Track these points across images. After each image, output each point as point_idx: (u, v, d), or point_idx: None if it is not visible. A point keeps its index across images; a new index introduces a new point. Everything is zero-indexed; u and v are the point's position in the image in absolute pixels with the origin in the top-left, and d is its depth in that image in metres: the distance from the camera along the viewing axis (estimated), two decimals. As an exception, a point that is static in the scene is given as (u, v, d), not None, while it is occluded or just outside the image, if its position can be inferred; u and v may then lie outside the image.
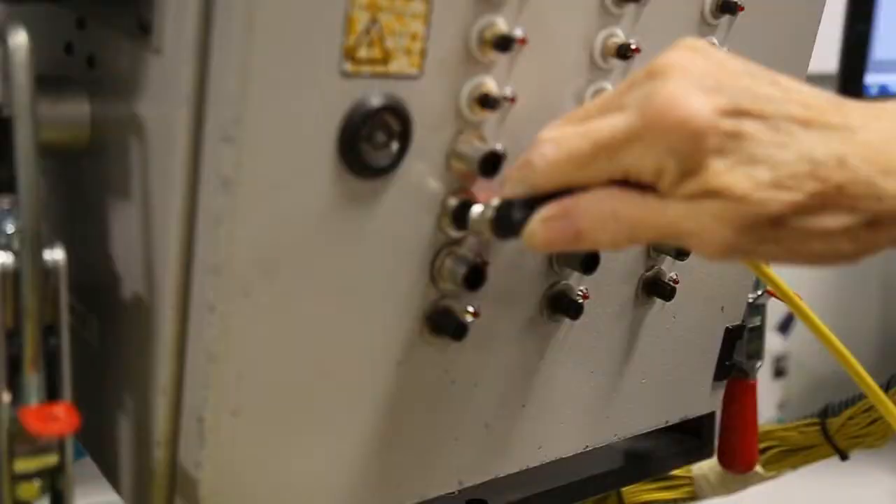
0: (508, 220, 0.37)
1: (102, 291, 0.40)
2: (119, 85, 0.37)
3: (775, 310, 0.78)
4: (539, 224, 0.36)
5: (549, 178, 0.36)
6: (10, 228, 0.35)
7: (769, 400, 1.04)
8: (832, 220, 0.33)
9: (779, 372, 1.08)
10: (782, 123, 0.33)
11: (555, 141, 0.35)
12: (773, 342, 1.04)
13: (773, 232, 0.33)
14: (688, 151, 0.33)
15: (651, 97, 0.33)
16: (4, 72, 0.34)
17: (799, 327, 1.05)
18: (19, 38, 0.33)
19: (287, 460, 0.38)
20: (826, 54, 0.70)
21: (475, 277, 0.39)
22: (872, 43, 0.88)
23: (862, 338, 1.25)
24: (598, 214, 0.35)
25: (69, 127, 0.39)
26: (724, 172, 0.32)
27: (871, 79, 0.89)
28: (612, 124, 0.34)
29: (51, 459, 0.36)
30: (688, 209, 0.33)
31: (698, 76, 0.33)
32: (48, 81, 0.39)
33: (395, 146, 0.36)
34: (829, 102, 0.34)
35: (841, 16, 0.88)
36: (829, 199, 0.33)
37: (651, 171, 0.34)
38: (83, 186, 0.41)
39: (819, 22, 0.50)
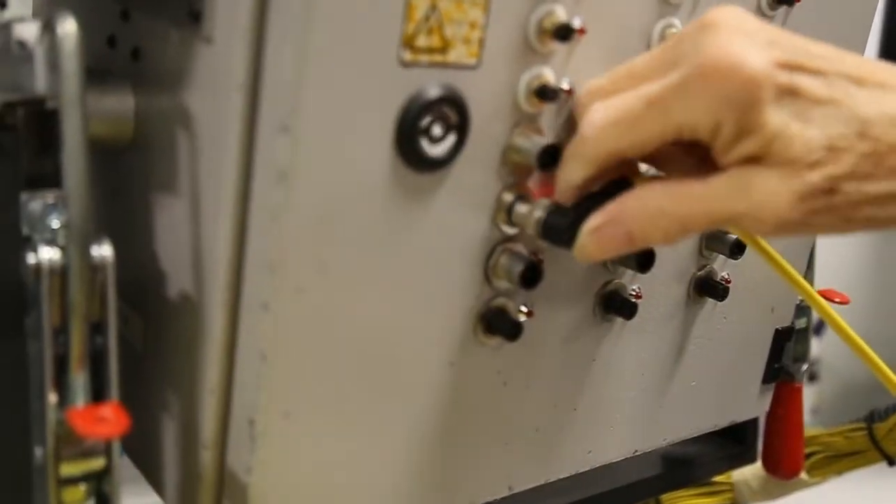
0: (556, 229, 0.36)
1: (147, 290, 0.39)
2: (166, 77, 0.36)
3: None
4: (588, 236, 0.35)
5: (601, 145, 0.34)
6: (55, 224, 0.34)
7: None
8: (886, 184, 0.32)
9: (811, 376, 1.06)
10: (836, 80, 0.32)
11: (603, 106, 0.34)
12: (805, 346, 1.02)
13: (826, 199, 0.32)
14: (745, 102, 0.31)
15: (705, 46, 0.32)
16: (51, 62, 0.33)
17: (831, 331, 1.04)
18: (68, 26, 0.32)
19: (338, 464, 0.37)
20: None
21: (532, 275, 0.37)
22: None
23: (892, 347, 1.23)
24: (646, 213, 0.34)
25: (113, 121, 0.38)
26: (780, 130, 0.31)
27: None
28: (664, 78, 0.33)
29: (97, 463, 0.35)
30: (739, 184, 0.32)
31: (752, 31, 0.32)
32: (91, 75, 0.38)
33: (451, 139, 0.34)
34: (879, 65, 0.34)
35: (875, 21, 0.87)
36: (881, 160, 0.32)
37: (707, 125, 0.32)
38: (125, 183, 0.40)
39: (874, 16, 0.49)
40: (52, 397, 0.33)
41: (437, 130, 0.34)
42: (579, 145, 0.35)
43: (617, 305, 0.43)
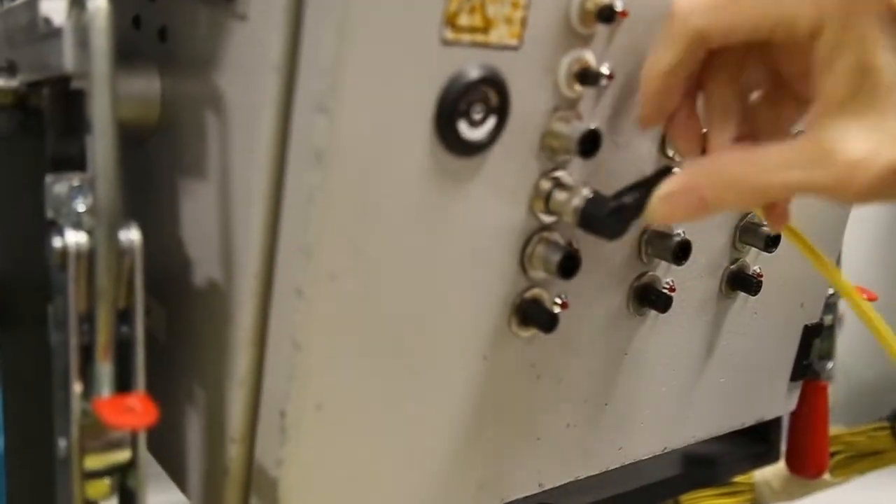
0: (595, 218, 0.35)
1: (171, 279, 0.38)
2: (195, 57, 0.35)
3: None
4: (660, 202, 0.33)
5: (691, 22, 0.32)
6: (81, 207, 0.33)
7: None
8: None
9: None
10: None
11: None
12: (818, 346, 1.01)
13: None
14: (860, 4, 0.29)
15: None
16: (80, 40, 0.32)
17: (845, 330, 1.03)
18: (99, 2, 0.30)
19: (369, 457, 0.36)
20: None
21: (570, 265, 0.36)
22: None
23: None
24: (721, 181, 0.32)
25: (138, 105, 0.37)
26: (890, 63, 0.28)
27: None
28: None
29: (122, 455, 0.34)
30: (822, 151, 0.30)
31: None
32: (118, 56, 0.37)
33: (491, 122, 0.33)
34: None
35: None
36: None
37: (809, 19, 0.29)
38: (150, 169, 0.39)
39: None
40: (78, 387, 0.32)
41: (477, 113, 0.33)
42: (668, 24, 0.33)
43: (652, 298, 0.42)
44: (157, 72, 0.37)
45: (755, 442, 0.61)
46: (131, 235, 0.32)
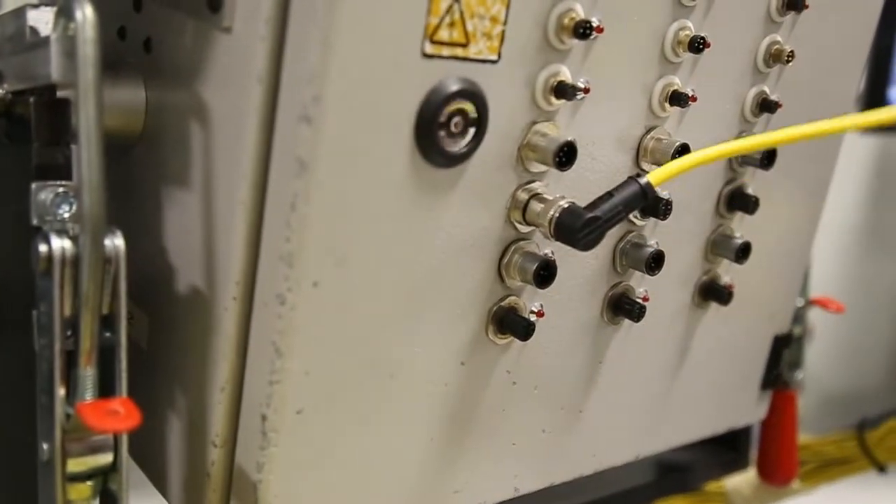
0: (569, 229, 0.36)
1: (154, 287, 0.38)
2: (180, 68, 0.36)
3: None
4: None
5: None
6: (66, 214, 0.33)
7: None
8: None
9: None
10: None
11: None
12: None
13: None
14: None
15: None
16: (66, 49, 0.32)
17: (816, 340, 1.05)
18: (86, 11, 0.31)
19: (348, 461, 0.36)
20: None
21: (547, 273, 0.37)
22: (896, 56, 0.88)
23: (876, 357, 1.25)
24: None
25: (122, 114, 0.38)
26: None
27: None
28: None
29: (104, 459, 0.34)
30: None
31: None
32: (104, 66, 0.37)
33: (470, 134, 0.34)
34: None
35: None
36: None
37: None
38: (133, 177, 0.40)
39: (876, 22, 0.50)
40: (61, 391, 0.33)
41: (456, 125, 0.34)
42: None
43: (626, 307, 0.42)
44: (142, 82, 0.38)
45: (725, 450, 0.62)
46: (115, 242, 0.33)
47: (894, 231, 1.24)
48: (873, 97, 0.87)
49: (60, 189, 0.34)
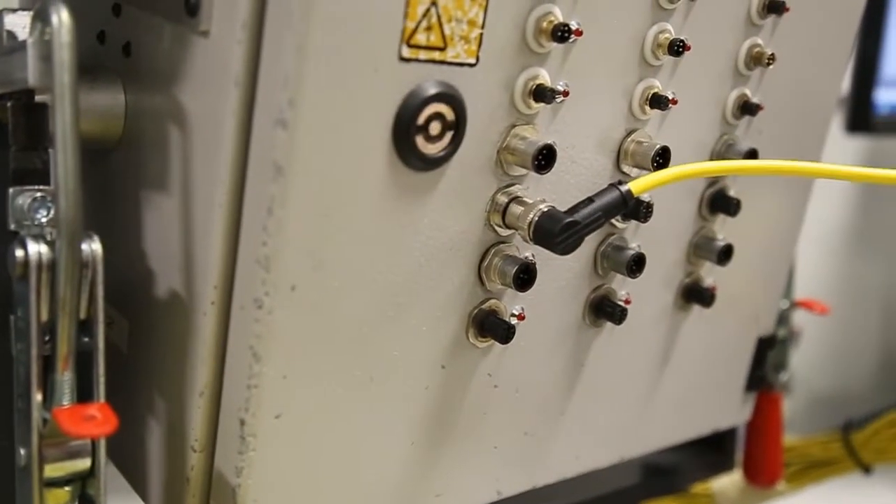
0: (547, 233, 0.36)
1: (133, 291, 0.38)
2: (158, 72, 0.36)
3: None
4: None
5: None
6: (43, 219, 0.33)
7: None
8: None
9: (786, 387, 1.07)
10: None
11: None
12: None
13: None
14: None
15: None
16: (42, 53, 0.32)
17: (804, 342, 1.05)
18: (62, 15, 0.31)
19: (328, 466, 0.36)
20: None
21: (527, 276, 0.37)
22: (882, 60, 0.88)
23: (864, 358, 1.25)
24: None
25: (102, 118, 0.38)
26: None
27: (882, 97, 0.89)
28: None
29: (82, 465, 0.34)
30: None
31: None
32: (80, 71, 0.37)
33: (448, 137, 0.34)
34: None
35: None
36: None
37: None
38: (112, 181, 0.40)
39: (857, 27, 0.50)
40: (38, 396, 0.32)
41: (434, 128, 0.34)
42: None
43: (607, 310, 0.43)
44: (122, 86, 0.38)
45: (711, 451, 0.62)
46: (93, 247, 0.33)
47: (881, 232, 1.25)
48: (859, 100, 0.87)
49: (38, 194, 0.34)
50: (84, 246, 0.33)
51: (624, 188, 0.37)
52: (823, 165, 0.39)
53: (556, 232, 0.35)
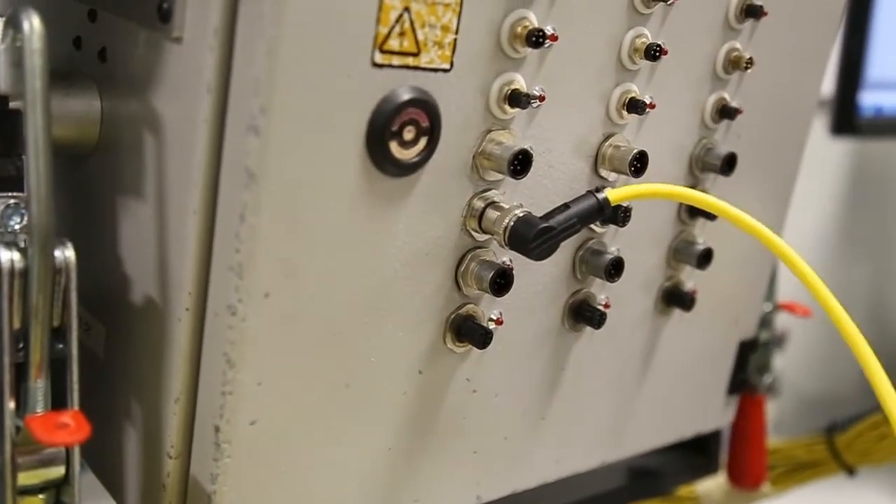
0: (521, 238, 0.36)
1: (110, 297, 0.38)
2: (133, 78, 0.36)
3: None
4: None
5: None
6: (17, 225, 0.33)
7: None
8: None
9: (772, 390, 1.07)
10: None
11: None
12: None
13: None
14: None
15: None
16: (14, 60, 0.32)
17: (791, 345, 1.05)
18: (33, 22, 0.31)
19: (304, 472, 0.36)
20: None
21: (503, 282, 0.37)
22: (867, 62, 0.88)
23: (851, 360, 1.25)
24: None
25: (78, 124, 0.38)
26: None
27: (867, 99, 0.89)
28: None
29: (56, 472, 0.34)
30: None
31: None
32: (56, 76, 0.37)
33: (422, 143, 0.34)
34: None
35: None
36: None
37: None
38: (89, 187, 0.40)
39: (837, 30, 0.50)
40: (11, 404, 0.32)
41: (408, 134, 0.34)
42: None
43: (587, 315, 0.43)
44: (98, 92, 0.38)
45: (695, 454, 0.62)
46: (66, 254, 0.33)
47: (868, 235, 1.25)
48: (844, 102, 0.87)
49: (11, 201, 0.34)
50: (57, 253, 0.33)
51: (601, 196, 0.37)
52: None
53: (531, 237, 0.35)
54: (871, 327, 1.29)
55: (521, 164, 0.36)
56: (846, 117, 0.87)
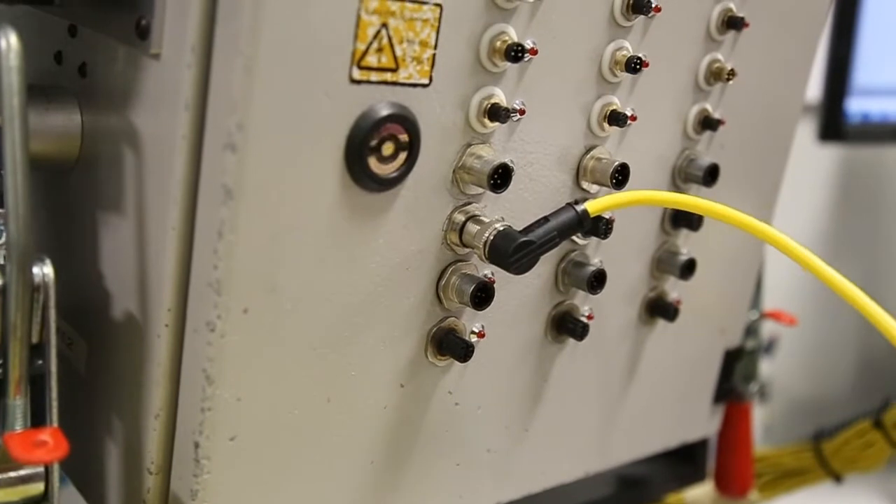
0: (501, 253, 0.36)
1: (91, 312, 0.38)
2: (113, 94, 0.36)
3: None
4: None
5: None
6: (-5, 242, 0.33)
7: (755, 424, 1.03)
8: None
9: (764, 396, 1.07)
10: None
11: None
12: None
13: None
14: None
15: None
16: (-8, 77, 0.32)
17: (783, 350, 1.05)
18: (10, 39, 0.31)
19: (286, 487, 0.36)
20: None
21: (484, 295, 0.37)
22: (854, 69, 0.88)
23: (841, 366, 1.26)
24: None
25: (58, 139, 0.38)
26: None
27: (854, 106, 0.90)
28: None
29: (34, 489, 0.34)
30: None
31: None
32: (36, 91, 0.37)
33: (402, 158, 0.34)
34: None
35: (821, 42, 0.89)
36: None
37: None
38: (70, 202, 0.40)
39: (819, 40, 0.50)
40: (-11, 421, 0.32)
41: (387, 149, 0.34)
42: None
43: (569, 327, 0.43)
44: (78, 107, 0.38)
45: (683, 462, 0.62)
46: (44, 270, 0.33)
47: (856, 240, 1.25)
48: (831, 109, 0.88)
49: (-10, 217, 0.34)
50: (36, 270, 0.33)
51: (580, 208, 0.38)
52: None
53: (511, 251, 0.35)
54: (860, 333, 1.29)
55: (501, 178, 0.36)
56: (833, 124, 0.88)
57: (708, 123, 0.45)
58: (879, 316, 0.34)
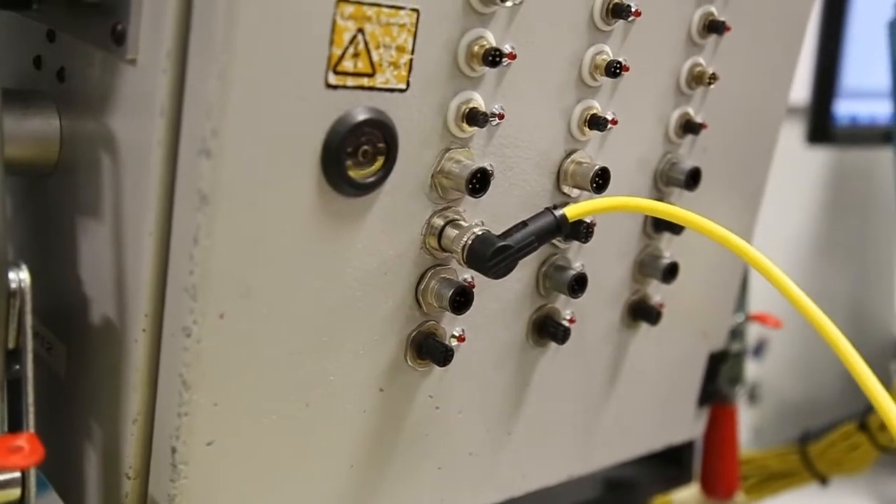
0: (478, 257, 0.36)
1: (70, 317, 0.38)
2: (90, 99, 0.36)
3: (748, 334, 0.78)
4: None
5: None
6: (-29, 248, 0.33)
7: (743, 427, 1.03)
8: None
9: (752, 398, 1.07)
10: None
11: None
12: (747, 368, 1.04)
13: None
14: None
15: None
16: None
17: (771, 353, 1.05)
18: (-15, 47, 0.31)
19: (264, 492, 0.36)
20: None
21: (463, 299, 0.37)
22: (842, 71, 0.89)
23: (831, 369, 1.26)
24: None
25: (36, 143, 0.38)
26: None
27: (842, 108, 0.90)
28: None
29: (11, 494, 0.34)
30: None
31: None
32: (14, 96, 0.37)
33: (379, 163, 0.34)
34: None
35: (810, 45, 0.89)
36: None
37: None
38: (50, 207, 0.40)
39: (802, 42, 0.50)
40: (-35, 427, 0.32)
41: (364, 154, 0.34)
42: None
43: (551, 331, 0.43)
44: (57, 112, 0.38)
45: (669, 464, 0.62)
46: (20, 276, 0.33)
47: (846, 243, 1.26)
48: (819, 111, 0.88)
49: (-34, 222, 0.34)
50: (12, 275, 0.33)
51: (559, 213, 0.38)
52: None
53: (489, 256, 0.35)
54: (849, 335, 1.29)
55: (479, 182, 0.36)
56: (822, 126, 0.88)
57: (690, 127, 0.45)
58: (843, 345, 0.34)
